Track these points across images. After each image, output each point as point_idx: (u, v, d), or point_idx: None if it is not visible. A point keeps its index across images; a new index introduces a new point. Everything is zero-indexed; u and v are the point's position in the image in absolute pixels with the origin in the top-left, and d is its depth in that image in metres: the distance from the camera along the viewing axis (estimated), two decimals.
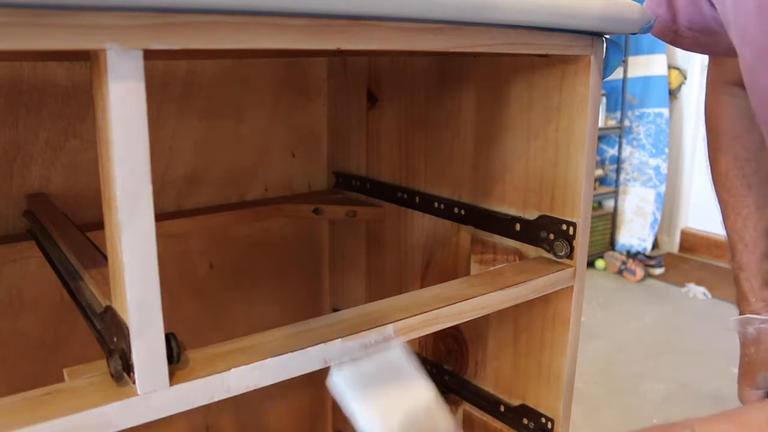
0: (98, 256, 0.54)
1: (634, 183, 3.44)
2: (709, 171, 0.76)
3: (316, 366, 0.46)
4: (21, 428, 0.35)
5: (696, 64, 3.29)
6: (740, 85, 0.71)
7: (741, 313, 0.74)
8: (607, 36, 0.61)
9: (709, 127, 0.75)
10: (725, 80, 0.73)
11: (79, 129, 0.78)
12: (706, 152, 0.76)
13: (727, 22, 0.57)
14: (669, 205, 3.48)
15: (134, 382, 0.39)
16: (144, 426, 0.39)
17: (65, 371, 0.41)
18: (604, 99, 3.33)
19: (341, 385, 0.44)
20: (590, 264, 3.23)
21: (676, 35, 0.66)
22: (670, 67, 3.32)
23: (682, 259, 3.43)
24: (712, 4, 0.59)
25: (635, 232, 3.42)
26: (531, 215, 0.69)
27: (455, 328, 0.82)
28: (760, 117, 0.56)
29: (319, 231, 1.05)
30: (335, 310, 1.05)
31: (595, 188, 3.39)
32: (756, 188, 0.71)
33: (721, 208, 0.75)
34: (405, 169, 0.86)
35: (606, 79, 0.63)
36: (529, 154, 0.68)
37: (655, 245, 3.51)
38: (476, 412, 0.81)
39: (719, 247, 3.26)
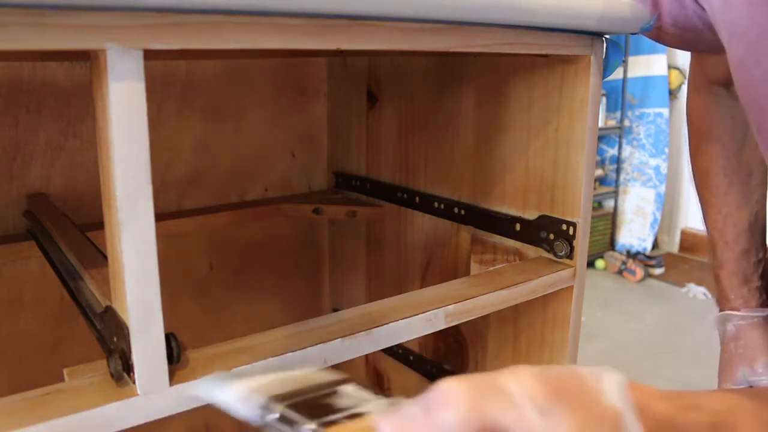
0: (98, 256, 0.54)
1: (634, 183, 3.44)
2: (691, 170, 0.76)
3: (315, 366, 0.46)
4: (21, 428, 0.35)
5: None
6: (722, 83, 0.72)
7: (720, 311, 0.74)
8: (607, 36, 0.61)
9: (691, 126, 0.76)
10: (707, 79, 0.73)
11: (79, 129, 0.78)
12: (689, 152, 0.76)
13: (714, 18, 0.57)
14: (669, 205, 3.48)
15: (134, 382, 0.39)
16: (144, 426, 0.39)
17: (65, 371, 0.41)
18: (604, 99, 3.33)
19: (204, 387, 0.37)
20: (590, 264, 3.23)
21: (660, 32, 0.66)
22: (670, 67, 3.32)
23: (682, 259, 3.43)
24: (697, 1, 0.60)
25: (635, 232, 3.42)
26: (531, 215, 0.69)
27: (455, 328, 0.82)
28: (749, 112, 0.56)
29: (319, 231, 1.05)
30: (335, 310, 1.05)
31: (595, 188, 3.39)
32: (736, 187, 0.72)
33: (702, 207, 0.75)
34: (405, 169, 0.86)
35: (606, 79, 0.63)
36: (529, 154, 0.68)
37: (655, 245, 3.51)
38: None
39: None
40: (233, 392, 0.33)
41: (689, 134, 0.77)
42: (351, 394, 0.32)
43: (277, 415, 0.31)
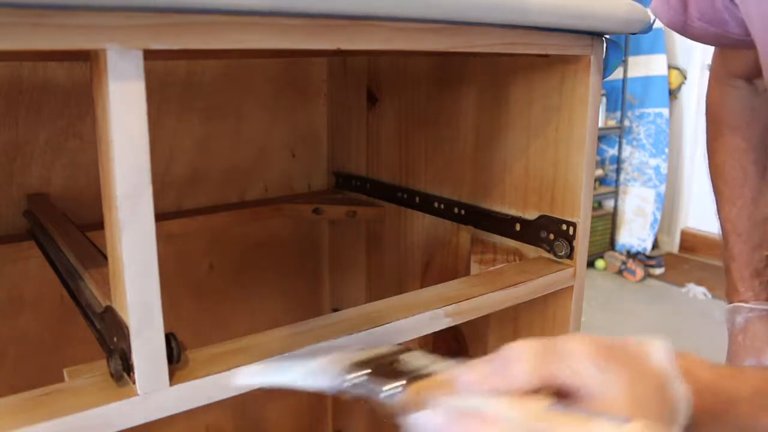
0: (98, 256, 0.54)
1: (634, 183, 3.44)
2: (707, 162, 0.76)
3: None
4: (21, 428, 0.35)
5: (696, 64, 3.29)
6: (745, 77, 0.72)
7: (729, 303, 0.74)
8: (607, 36, 0.61)
9: (710, 118, 0.76)
10: (730, 72, 0.73)
11: (79, 129, 0.78)
12: (706, 143, 0.76)
13: (747, 10, 0.57)
14: (669, 205, 3.48)
15: (134, 382, 0.39)
16: (144, 426, 0.39)
17: (65, 371, 0.41)
18: (604, 99, 3.33)
19: (251, 375, 0.38)
20: (590, 264, 3.23)
21: (685, 25, 0.66)
22: (670, 67, 3.32)
23: (682, 259, 3.43)
24: None
25: (635, 232, 3.42)
26: (531, 215, 0.69)
27: (455, 328, 0.82)
28: None
29: (319, 231, 1.05)
30: (335, 310, 1.05)
31: (595, 188, 3.39)
32: (752, 179, 0.71)
33: (716, 199, 0.75)
34: (405, 169, 0.86)
35: (606, 79, 0.63)
36: (529, 154, 0.68)
37: (655, 245, 3.51)
38: None
39: (719, 247, 3.26)
40: (304, 368, 0.35)
41: (707, 126, 0.76)
42: (417, 358, 0.35)
43: (363, 378, 0.33)
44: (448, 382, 0.32)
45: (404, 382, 0.32)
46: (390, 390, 0.32)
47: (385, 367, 0.34)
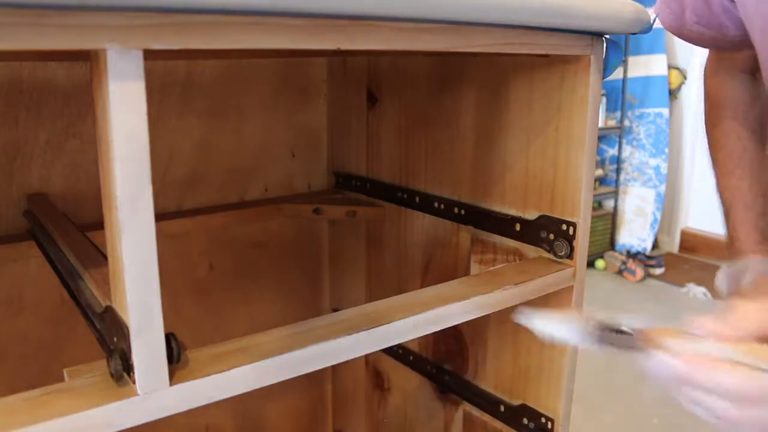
0: (98, 256, 0.54)
1: (634, 183, 3.44)
2: (706, 142, 0.75)
3: (316, 366, 0.46)
4: (21, 428, 0.35)
5: (696, 65, 3.29)
6: (745, 73, 0.72)
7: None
8: (607, 36, 0.61)
9: (710, 103, 0.75)
10: (727, 71, 0.73)
11: (79, 129, 0.78)
12: (705, 129, 0.76)
13: (745, 10, 0.57)
14: (669, 205, 3.48)
15: (134, 382, 0.39)
16: (144, 426, 0.39)
17: (65, 371, 0.41)
18: (604, 99, 3.33)
19: (528, 316, 0.46)
20: (590, 264, 3.23)
21: (682, 29, 0.67)
22: (670, 67, 3.32)
23: (682, 259, 3.43)
24: None
25: (635, 232, 3.42)
26: (531, 215, 0.69)
27: (455, 328, 0.82)
28: None
29: (319, 231, 1.05)
30: (335, 310, 1.05)
31: (595, 188, 3.39)
32: (750, 152, 0.71)
33: (714, 169, 0.74)
34: (405, 169, 0.86)
35: (606, 79, 0.63)
36: (529, 154, 0.68)
37: (655, 245, 3.51)
38: (476, 412, 0.81)
39: (719, 247, 3.25)
40: (562, 325, 0.44)
41: (706, 112, 0.76)
42: (636, 319, 0.42)
43: (610, 333, 0.41)
44: (681, 332, 0.39)
45: (644, 332, 0.39)
46: (636, 340, 0.39)
47: (616, 324, 0.42)
